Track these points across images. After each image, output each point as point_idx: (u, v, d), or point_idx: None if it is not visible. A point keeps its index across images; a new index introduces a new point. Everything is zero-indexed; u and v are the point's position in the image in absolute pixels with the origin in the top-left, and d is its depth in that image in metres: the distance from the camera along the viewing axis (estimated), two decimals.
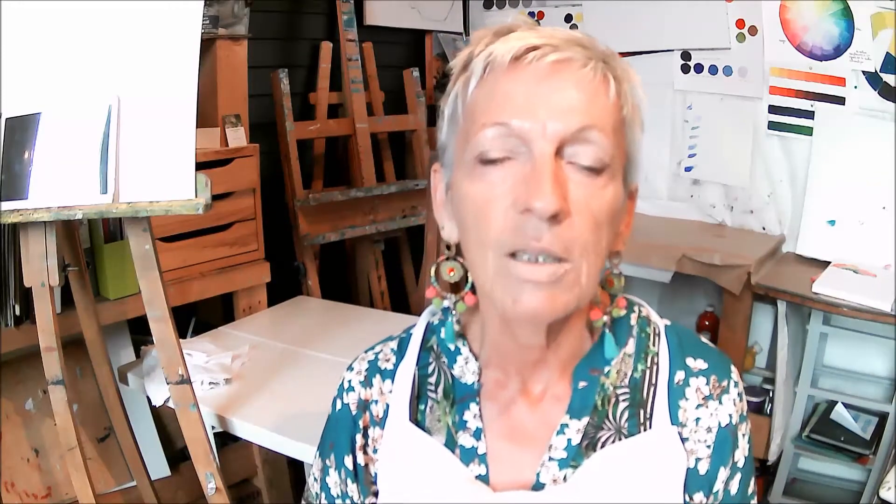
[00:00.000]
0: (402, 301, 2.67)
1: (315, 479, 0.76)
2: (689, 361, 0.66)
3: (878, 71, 2.12)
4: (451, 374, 0.69)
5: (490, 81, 0.58)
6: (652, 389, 0.65)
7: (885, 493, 1.68)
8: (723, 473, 0.64)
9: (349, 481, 0.71)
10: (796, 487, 2.26)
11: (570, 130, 0.55)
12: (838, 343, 2.26)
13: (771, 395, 2.27)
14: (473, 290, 0.65)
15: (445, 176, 0.64)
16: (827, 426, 2.15)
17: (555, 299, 0.56)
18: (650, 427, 0.64)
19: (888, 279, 1.98)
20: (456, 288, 0.67)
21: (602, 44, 0.60)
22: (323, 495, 0.74)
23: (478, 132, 0.57)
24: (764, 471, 2.24)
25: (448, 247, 0.65)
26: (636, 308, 0.69)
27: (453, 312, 0.68)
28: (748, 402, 2.40)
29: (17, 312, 1.50)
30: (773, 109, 2.34)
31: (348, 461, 0.71)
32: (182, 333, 1.79)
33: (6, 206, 1.16)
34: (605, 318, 0.65)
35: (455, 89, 0.61)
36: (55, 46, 1.18)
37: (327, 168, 2.52)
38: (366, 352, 0.76)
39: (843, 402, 2.17)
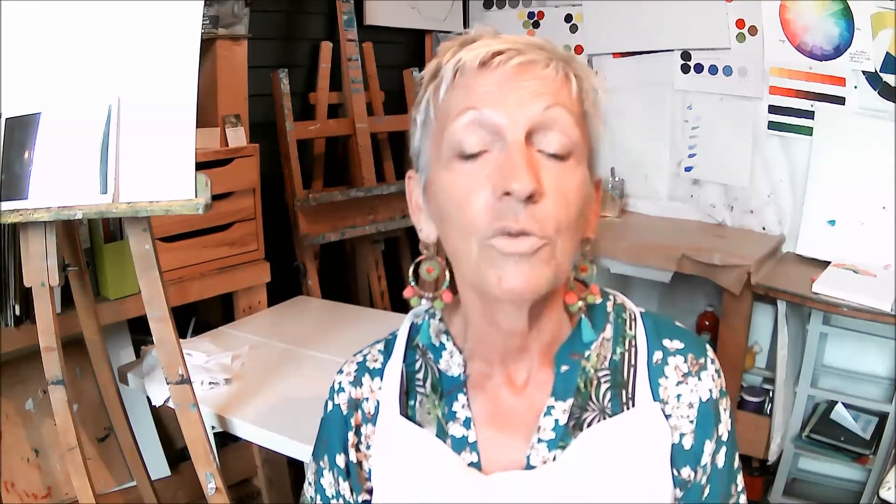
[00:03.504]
0: (402, 301, 2.66)
1: (310, 482, 0.78)
2: (666, 342, 0.69)
3: (878, 71, 2.12)
4: (438, 369, 0.71)
5: (461, 84, 0.62)
6: (632, 370, 0.68)
7: (885, 493, 1.68)
8: (709, 447, 0.66)
9: (341, 480, 0.73)
10: (796, 487, 2.26)
11: (537, 114, 0.59)
12: (838, 343, 2.26)
13: (771, 395, 2.27)
14: (451, 288, 0.68)
15: (421, 179, 0.68)
16: (827, 426, 2.15)
17: (536, 274, 0.59)
18: (633, 406, 0.66)
19: (888, 279, 1.98)
20: (434, 287, 0.69)
21: (560, 48, 0.64)
22: (318, 497, 0.76)
23: (452, 123, 0.61)
24: (764, 471, 2.24)
25: (427, 247, 0.68)
26: (611, 297, 0.73)
27: (433, 312, 0.72)
28: (748, 401, 2.41)
29: (17, 312, 1.51)
30: (773, 109, 2.34)
31: (340, 460, 0.73)
32: (182, 333, 1.80)
33: (6, 206, 1.15)
34: (581, 303, 0.68)
35: (426, 96, 0.65)
36: (55, 46, 1.18)
37: (327, 168, 2.52)
38: (354, 356, 0.78)
39: (843, 402, 2.17)
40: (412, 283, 0.69)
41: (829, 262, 2.14)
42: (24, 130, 1.17)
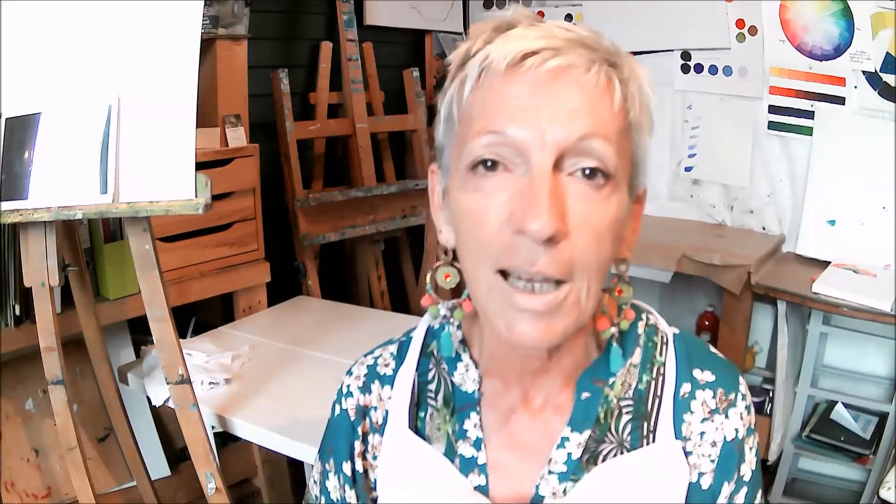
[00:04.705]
0: (402, 301, 2.67)
1: (315, 481, 0.76)
2: (697, 373, 0.64)
3: (878, 71, 2.12)
4: (452, 382, 0.67)
5: (485, 86, 0.55)
6: (657, 402, 0.63)
7: (885, 493, 1.68)
8: (726, 489, 0.63)
9: (347, 487, 0.71)
10: (796, 487, 2.26)
11: (570, 139, 0.52)
12: (838, 343, 2.26)
13: (771, 395, 2.27)
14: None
15: (442, 179, 0.62)
16: (827, 426, 2.15)
17: (552, 328, 0.54)
18: (653, 440, 0.62)
19: (888, 279, 1.98)
20: (455, 292, 0.65)
21: (608, 40, 0.57)
22: (323, 499, 0.74)
23: (472, 139, 0.54)
24: (764, 471, 2.23)
25: (445, 251, 0.63)
26: (644, 316, 0.67)
27: (451, 321, 0.67)
28: None
29: (17, 312, 1.50)
30: (773, 109, 2.34)
31: (346, 467, 0.70)
32: (182, 333, 1.79)
33: (6, 206, 1.16)
34: (614, 329, 0.62)
35: (451, 90, 0.58)
36: (55, 46, 1.18)
37: (327, 168, 2.51)
38: (365, 356, 0.74)
39: (843, 402, 2.17)
40: (429, 291, 0.64)
41: (829, 262, 2.14)
42: (24, 130, 1.17)
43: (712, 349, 0.68)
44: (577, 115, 0.52)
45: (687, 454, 0.62)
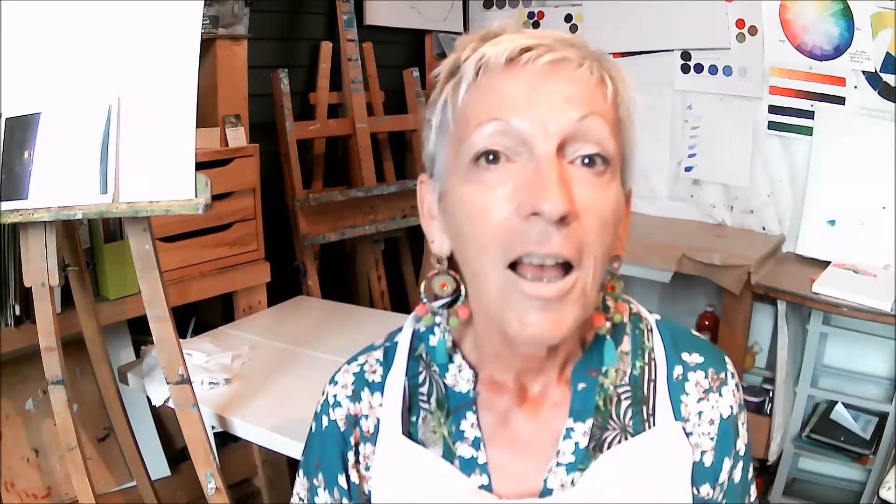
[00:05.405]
0: (402, 301, 2.67)
1: (301, 498, 0.73)
2: (685, 356, 0.66)
3: (878, 71, 2.12)
4: (444, 384, 0.66)
5: (483, 83, 0.56)
6: (652, 385, 0.65)
7: (885, 493, 1.68)
8: (727, 464, 0.65)
9: (344, 501, 0.69)
10: (796, 487, 2.26)
11: (571, 124, 0.54)
12: (838, 343, 2.26)
13: (771, 395, 2.27)
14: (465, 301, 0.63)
15: (436, 187, 0.62)
16: (827, 426, 2.15)
17: (563, 320, 0.54)
18: (654, 424, 0.63)
19: (888, 279, 1.98)
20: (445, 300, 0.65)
21: (593, 45, 0.58)
22: None
23: (474, 131, 0.55)
24: (764, 471, 2.24)
25: (439, 260, 0.63)
26: (627, 305, 0.69)
27: (446, 329, 0.66)
28: (748, 401, 2.42)
29: (17, 312, 1.51)
30: (773, 109, 2.34)
31: (342, 480, 0.68)
32: (182, 333, 1.80)
33: (6, 206, 1.16)
34: (608, 324, 0.63)
35: (443, 96, 0.59)
36: (55, 46, 1.18)
37: (327, 168, 2.52)
38: (349, 363, 0.72)
39: (843, 402, 2.17)
40: (424, 301, 0.64)
41: (829, 262, 2.14)
42: (24, 130, 1.17)
43: (693, 332, 0.70)
44: (574, 103, 0.55)
45: (688, 434, 0.64)
